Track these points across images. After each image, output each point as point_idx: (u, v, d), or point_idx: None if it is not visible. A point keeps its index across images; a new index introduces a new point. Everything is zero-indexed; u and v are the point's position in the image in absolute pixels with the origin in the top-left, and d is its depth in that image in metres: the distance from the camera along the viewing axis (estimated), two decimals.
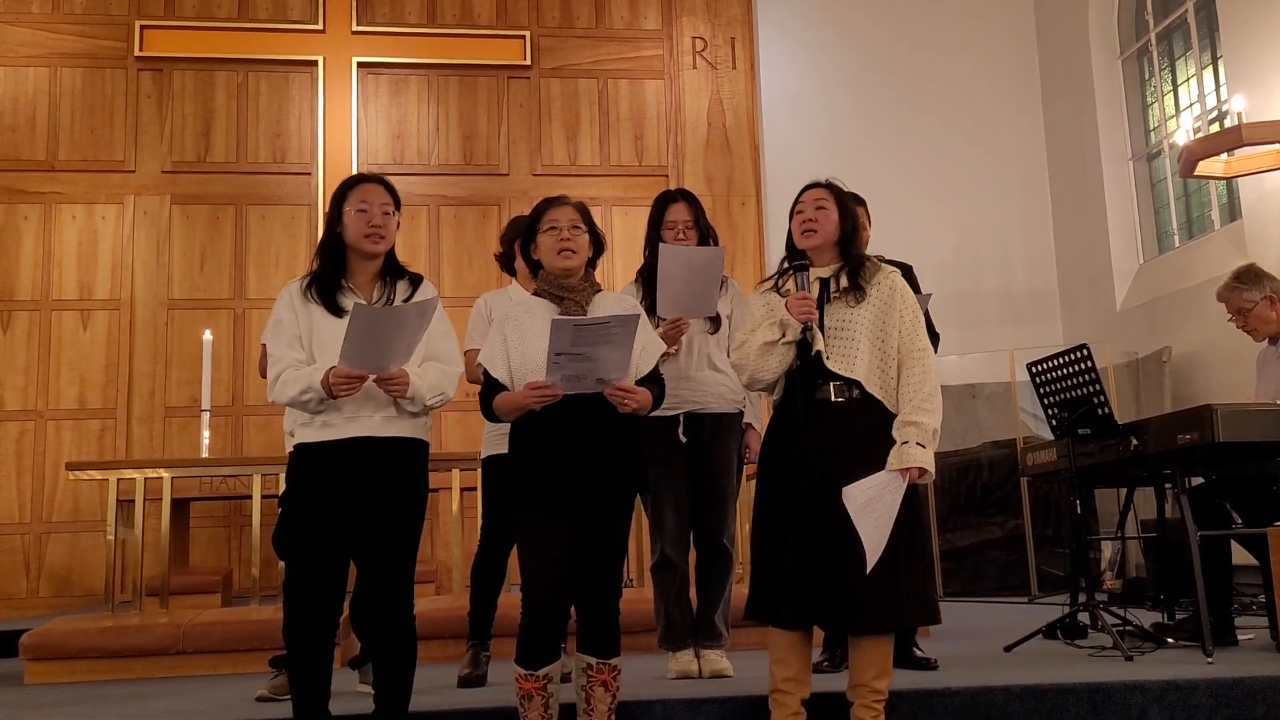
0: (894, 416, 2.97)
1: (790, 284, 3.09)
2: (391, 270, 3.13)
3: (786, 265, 3.16)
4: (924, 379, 2.98)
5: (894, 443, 2.93)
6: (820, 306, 3.03)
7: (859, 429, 2.95)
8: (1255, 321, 4.43)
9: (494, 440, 3.92)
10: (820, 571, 2.85)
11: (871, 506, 2.83)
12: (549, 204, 3.16)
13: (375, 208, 3.05)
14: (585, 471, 2.95)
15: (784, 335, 3.00)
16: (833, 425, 2.95)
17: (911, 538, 2.91)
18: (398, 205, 3.13)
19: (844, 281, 3.06)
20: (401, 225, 3.16)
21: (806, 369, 3.00)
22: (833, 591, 2.84)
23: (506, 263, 4.15)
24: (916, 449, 2.89)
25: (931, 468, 2.91)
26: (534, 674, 2.94)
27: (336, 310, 3.00)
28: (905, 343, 3.01)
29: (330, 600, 2.95)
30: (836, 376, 2.97)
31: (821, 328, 3.00)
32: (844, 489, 2.84)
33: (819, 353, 2.97)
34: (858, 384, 2.97)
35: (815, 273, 3.10)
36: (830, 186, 3.16)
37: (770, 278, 3.23)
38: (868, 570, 2.81)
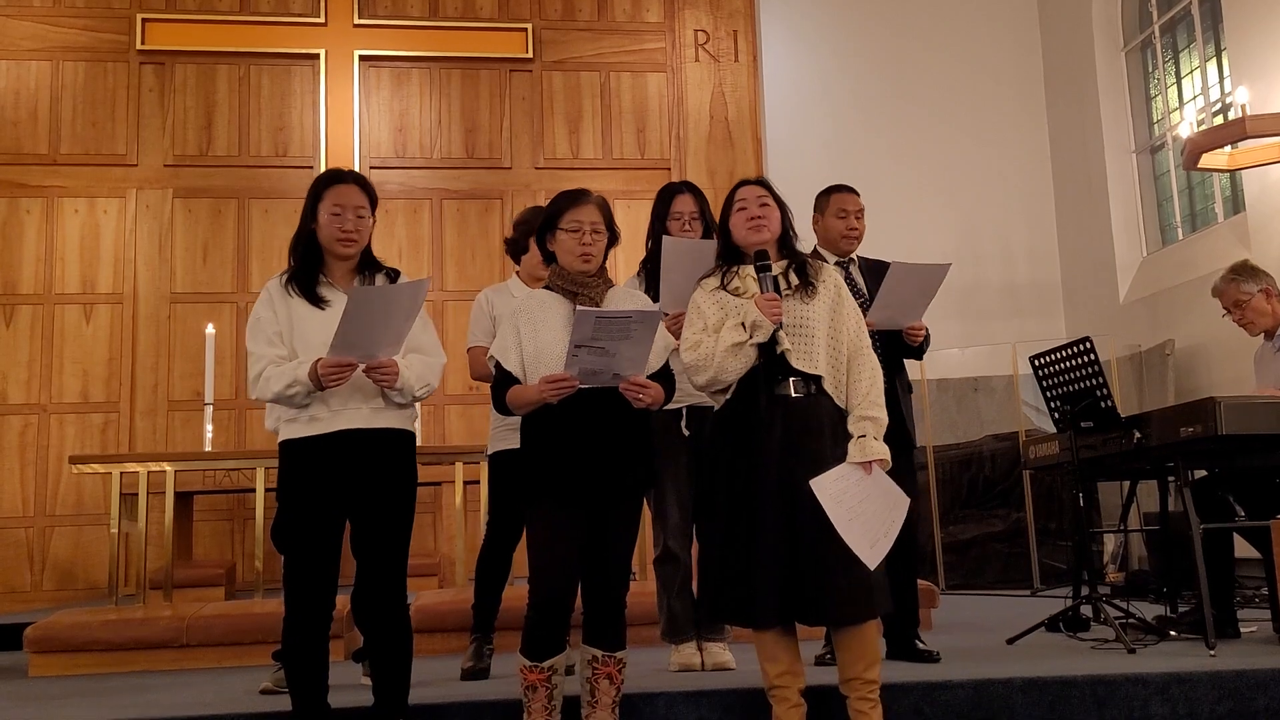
0: (842, 412, 3.01)
1: (738, 283, 3.08)
2: (368, 265, 3.13)
3: (723, 263, 3.15)
4: (875, 376, 3.04)
5: (849, 437, 2.95)
6: None
7: (818, 424, 2.97)
8: (1252, 314, 4.44)
9: (501, 435, 3.92)
10: (795, 568, 2.85)
11: (844, 499, 2.84)
12: (572, 201, 3.12)
13: (349, 212, 3.04)
14: (599, 467, 2.95)
15: (751, 336, 2.99)
16: (794, 421, 2.95)
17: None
18: (374, 206, 3.13)
19: (794, 278, 3.07)
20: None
21: (768, 367, 2.99)
22: (807, 587, 2.84)
23: (516, 250, 4.13)
24: (875, 442, 2.94)
25: (889, 459, 2.97)
26: (539, 666, 2.95)
27: (318, 302, 3.00)
28: (854, 340, 3.06)
29: (322, 594, 2.95)
30: (796, 373, 2.98)
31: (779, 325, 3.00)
32: (812, 480, 2.85)
33: (785, 351, 2.96)
34: (816, 380, 2.99)
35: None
36: (767, 185, 3.18)
37: (711, 274, 3.19)
38: (872, 565, 2.82)
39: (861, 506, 2.86)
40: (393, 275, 3.13)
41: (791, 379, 2.98)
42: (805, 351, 2.99)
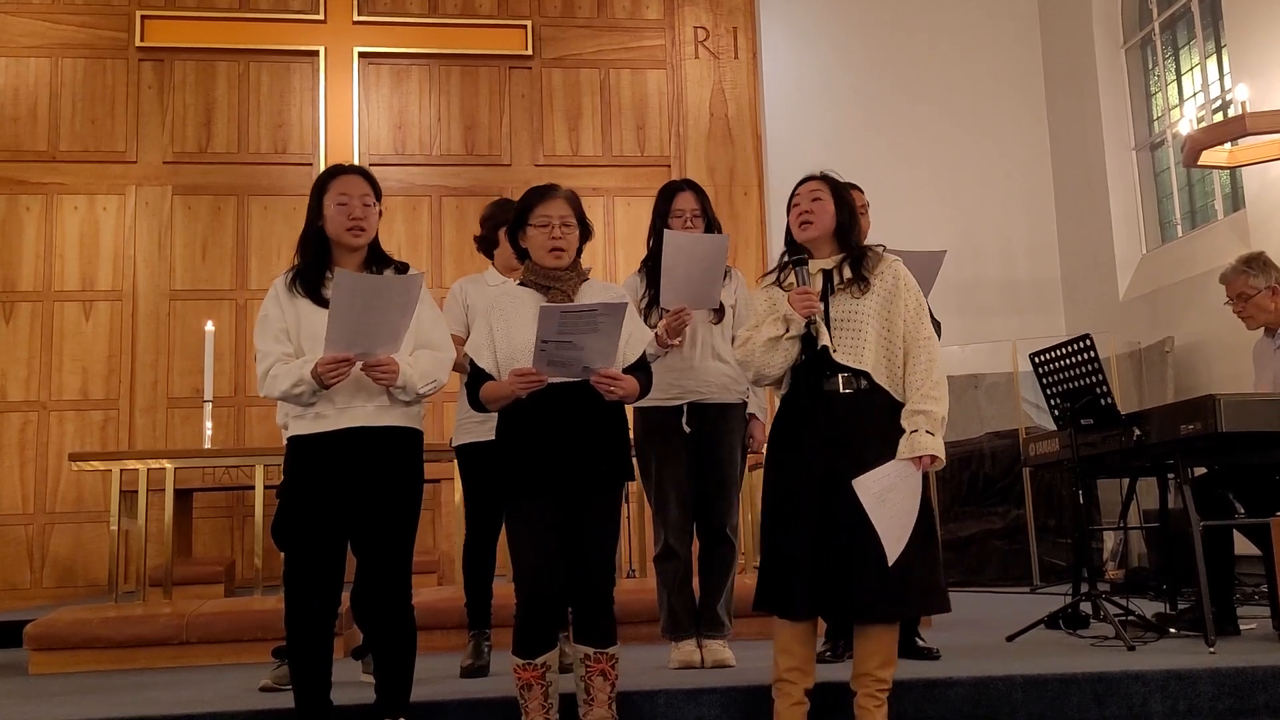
0: (901, 406, 2.96)
1: (791, 278, 3.08)
2: (377, 259, 3.13)
3: (786, 259, 3.15)
4: (930, 367, 2.97)
5: (902, 432, 2.92)
6: (825, 298, 3.02)
7: (868, 420, 2.94)
8: (1254, 309, 4.40)
9: (467, 428, 3.95)
10: (832, 563, 2.85)
11: (887, 498, 2.83)
12: (540, 196, 3.14)
13: (355, 200, 3.04)
14: (573, 460, 2.96)
15: (788, 330, 2.99)
16: (841, 417, 2.94)
17: (923, 526, 2.91)
18: (378, 195, 3.12)
19: (847, 272, 3.05)
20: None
21: (813, 362, 2.99)
22: (844, 582, 2.84)
23: (487, 246, 4.15)
24: (927, 436, 2.88)
25: (942, 455, 2.91)
26: (531, 663, 2.96)
27: (323, 302, 2.99)
28: (910, 331, 3.00)
29: (328, 591, 2.95)
30: (844, 368, 2.96)
31: (827, 320, 2.98)
32: (856, 480, 2.84)
33: (825, 347, 2.95)
34: (866, 375, 2.96)
35: (817, 264, 3.09)
36: (825, 178, 3.16)
37: (771, 272, 3.22)
38: (890, 562, 2.81)
39: (900, 504, 2.85)
40: (401, 269, 3.13)
41: (840, 375, 2.96)
42: (851, 346, 2.97)
